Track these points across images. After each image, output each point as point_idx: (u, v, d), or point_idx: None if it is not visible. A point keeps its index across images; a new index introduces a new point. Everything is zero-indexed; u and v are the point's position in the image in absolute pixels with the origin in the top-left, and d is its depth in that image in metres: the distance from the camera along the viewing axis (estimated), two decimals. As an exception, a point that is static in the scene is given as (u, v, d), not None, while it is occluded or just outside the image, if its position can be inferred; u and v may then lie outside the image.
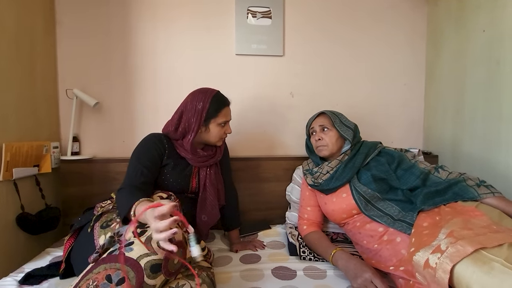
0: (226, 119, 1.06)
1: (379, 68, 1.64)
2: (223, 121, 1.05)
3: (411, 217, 0.90)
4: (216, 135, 1.05)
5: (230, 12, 1.52)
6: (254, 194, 1.45)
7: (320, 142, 1.15)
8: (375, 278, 0.81)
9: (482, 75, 1.28)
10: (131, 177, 0.93)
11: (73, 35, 1.44)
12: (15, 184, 1.13)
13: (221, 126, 1.05)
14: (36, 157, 1.24)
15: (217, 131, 1.05)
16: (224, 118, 1.05)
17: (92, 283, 0.62)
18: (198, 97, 1.02)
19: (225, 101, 1.07)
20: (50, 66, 1.41)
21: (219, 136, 1.06)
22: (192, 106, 1.01)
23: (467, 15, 1.36)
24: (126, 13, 1.47)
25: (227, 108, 1.07)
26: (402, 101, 1.67)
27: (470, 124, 1.36)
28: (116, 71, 1.48)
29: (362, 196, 1.03)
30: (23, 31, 1.20)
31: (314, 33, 1.59)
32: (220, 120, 1.04)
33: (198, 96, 1.03)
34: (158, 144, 1.02)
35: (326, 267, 0.99)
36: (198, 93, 1.04)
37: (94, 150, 1.49)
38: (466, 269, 0.63)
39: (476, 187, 0.93)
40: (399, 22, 1.64)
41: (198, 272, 0.78)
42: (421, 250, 0.73)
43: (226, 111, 1.06)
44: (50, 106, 1.40)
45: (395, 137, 1.67)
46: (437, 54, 1.58)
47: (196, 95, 1.03)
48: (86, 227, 0.89)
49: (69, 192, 1.35)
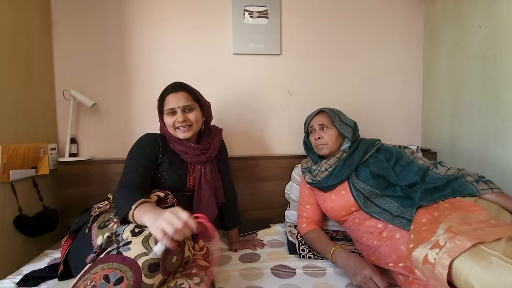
0: (169, 106, 1.02)
1: (376, 66, 1.64)
2: (169, 109, 1.02)
3: (410, 213, 0.90)
4: (169, 125, 1.04)
5: (227, 12, 1.52)
6: (253, 193, 1.45)
7: (320, 140, 1.15)
8: (375, 275, 0.81)
9: (479, 70, 1.28)
10: (128, 177, 0.93)
11: (70, 36, 1.44)
12: (13, 186, 1.13)
13: (169, 115, 1.03)
14: (34, 158, 1.23)
15: (168, 121, 1.03)
16: (167, 106, 1.02)
17: (89, 283, 0.61)
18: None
19: (167, 89, 1.04)
20: (47, 67, 1.40)
21: (171, 125, 1.03)
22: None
23: (464, 11, 1.36)
24: (123, 12, 1.47)
25: (172, 95, 1.02)
26: (400, 98, 1.67)
27: (468, 120, 1.36)
28: (113, 71, 1.48)
29: (361, 192, 1.03)
30: (19, 32, 1.20)
31: (311, 32, 1.59)
32: (165, 109, 1.03)
33: None
34: (152, 142, 1.02)
35: (326, 265, 0.99)
36: None
37: (92, 151, 1.49)
38: (464, 264, 0.62)
39: (475, 183, 0.93)
40: (395, 21, 1.64)
41: (196, 271, 0.78)
42: (420, 246, 0.73)
43: (169, 98, 1.02)
44: (47, 107, 1.40)
45: (393, 134, 1.67)
46: (434, 50, 1.59)
47: None
48: (84, 228, 0.88)
49: (67, 193, 1.35)
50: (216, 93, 1.50)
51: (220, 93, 1.53)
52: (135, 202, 0.77)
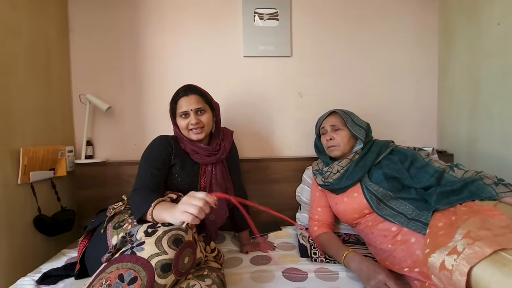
0: (182, 109, 1.04)
1: (389, 65, 1.61)
2: (182, 112, 1.04)
3: (426, 217, 0.88)
4: (182, 127, 1.06)
5: (237, 14, 1.53)
6: (264, 196, 1.45)
7: (332, 142, 1.14)
8: (389, 280, 0.79)
9: (498, 69, 1.23)
10: (143, 179, 0.95)
11: (86, 41, 1.49)
12: (32, 187, 1.17)
13: (182, 118, 1.05)
14: (52, 161, 1.28)
15: (181, 123, 1.06)
16: (180, 109, 1.05)
17: (105, 282, 0.63)
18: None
19: (179, 92, 1.07)
20: (64, 72, 1.45)
21: (184, 127, 1.05)
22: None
23: (481, 8, 1.32)
24: (135, 16, 1.51)
25: (184, 98, 1.05)
26: (415, 99, 1.63)
27: (486, 121, 1.31)
28: (127, 75, 1.52)
29: (374, 195, 1.01)
30: (38, 39, 1.25)
31: (322, 33, 1.58)
32: (179, 111, 1.05)
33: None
34: (165, 144, 1.04)
35: (338, 268, 0.97)
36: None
37: (107, 153, 1.53)
38: (484, 271, 0.60)
39: (494, 186, 0.89)
40: (409, 18, 1.60)
41: (208, 273, 0.78)
42: (437, 251, 0.71)
43: (182, 101, 1.04)
44: (65, 111, 1.45)
45: (408, 136, 1.63)
46: (449, 49, 1.54)
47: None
48: (99, 228, 0.91)
49: (83, 194, 1.39)
50: (227, 95, 1.52)
51: (230, 95, 1.54)
52: (152, 202, 0.79)
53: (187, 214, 0.69)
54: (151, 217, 0.78)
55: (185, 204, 0.70)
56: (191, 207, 0.69)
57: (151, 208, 0.78)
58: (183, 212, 0.69)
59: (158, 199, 0.81)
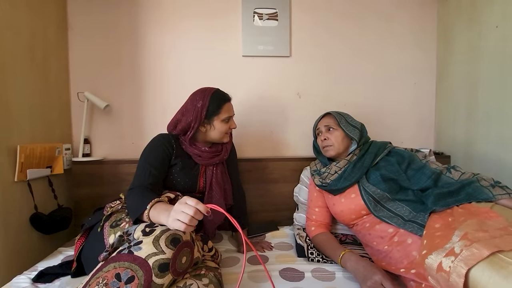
0: (229, 114, 1.08)
1: (388, 67, 1.61)
2: (226, 117, 1.07)
3: (423, 218, 0.88)
4: (221, 132, 1.07)
5: (236, 14, 1.53)
6: (262, 195, 1.45)
7: (326, 142, 1.14)
8: (386, 281, 0.79)
9: (496, 72, 1.24)
10: (140, 178, 0.94)
11: (84, 39, 1.48)
12: (29, 185, 1.16)
13: (225, 122, 1.07)
14: (49, 158, 1.27)
15: (222, 127, 1.07)
16: (226, 114, 1.07)
17: (102, 281, 0.62)
18: (198, 96, 1.05)
19: (225, 97, 1.09)
20: (63, 70, 1.44)
21: (224, 131, 1.08)
22: (192, 105, 1.04)
23: (479, 10, 1.33)
24: (135, 15, 1.50)
25: (229, 104, 1.09)
26: (413, 101, 1.64)
27: (484, 123, 1.32)
28: (125, 74, 1.51)
29: (371, 196, 1.01)
30: (37, 36, 1.24)
31: (321, 34, 1.58)
32: (223, 116, 1.06)
33: (198, 95, 1.06)
34: (166, 144, 1.04)
35: (335, 269, 0.97)
36: (198, 92, 1.08)
37: (104, 151, 1.52)
38: (482, 273, 0.60)
39: (491, 188, 0.90)
40: (408, 20, 1.61)
41: (205, 272, 0.78)
42: (434, 253, 0.71)
43: (227, 106, 1.08)
44: (62, 109, 1.44)
45: (405, 137, 1.64)
46: (448, 51, 1.55)
47: (197, 94, 1.07)
48: (96, 226, 0.90)
49: (81, 192, 1.38)
50: (226, 94, 1.51)
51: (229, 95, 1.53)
52: (149, 202, 0.79)
53: (179, 222, 0.68)
54: (148, 218, 0.78)
55: (177, 212, 0.70)
56: (182, 215, 0.68)
57: (147, 210, 0.78)
58: (175, 219, 0.69)
59: (154, 200, 0.80)
